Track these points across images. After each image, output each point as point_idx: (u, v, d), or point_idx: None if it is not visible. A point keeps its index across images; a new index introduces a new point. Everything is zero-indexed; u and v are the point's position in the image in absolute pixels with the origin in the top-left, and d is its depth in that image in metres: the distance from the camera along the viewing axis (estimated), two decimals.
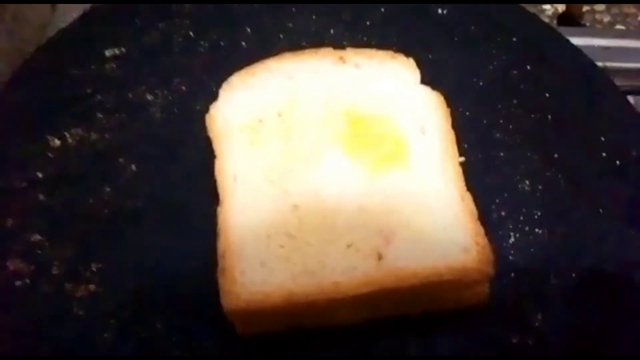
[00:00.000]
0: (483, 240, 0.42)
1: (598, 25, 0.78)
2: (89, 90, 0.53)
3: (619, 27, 0.79)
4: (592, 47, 0.63)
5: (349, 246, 0.42)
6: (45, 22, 0.82)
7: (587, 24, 0.72)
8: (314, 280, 0.40)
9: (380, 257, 0.41)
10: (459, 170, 0.45)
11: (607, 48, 0.65)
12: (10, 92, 0.53)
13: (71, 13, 0.79)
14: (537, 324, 0.43)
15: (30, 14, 0.80)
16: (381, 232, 0.42)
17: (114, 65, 0.54)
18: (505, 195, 0.48)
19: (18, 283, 0.44)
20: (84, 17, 0.59)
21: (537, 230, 0.47)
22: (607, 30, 0.73)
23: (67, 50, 0.55)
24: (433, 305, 0.43)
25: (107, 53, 0.55)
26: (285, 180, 0.44)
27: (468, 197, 0.44)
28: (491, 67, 0.54)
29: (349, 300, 0.40)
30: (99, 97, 0.52)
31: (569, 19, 0.71)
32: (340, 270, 0.41)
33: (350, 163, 0.45)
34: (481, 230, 0.42)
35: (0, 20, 0.75)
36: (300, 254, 0.41)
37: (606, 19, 0.80)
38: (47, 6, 0.83)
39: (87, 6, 0.61)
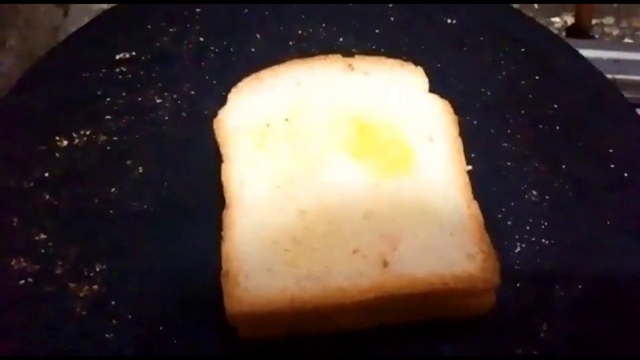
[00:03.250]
0: (489, 248, 0.42)
1: (606, 39, 0.79)
2: (98, 93, 0.53)
3: (627, 40, 0.79)
4: (601, 60, 0.63)
5: (354, 252, 0.41)
6: (57, 26, 0.83)
7: (597, 36, 0.72)
8: (319, 285, 0.40)
9: (385, 263, 0.41)
10: (466, 178, 0.45)
11: (616, 61, 0.65)
12: (19, 92, 0.54)
13: (83, 17, 0.80)
14: (542, 335, 0.43)
15: (42, 18, 0.81)
16: (387, 239, 0.42)
17: (124, 69, 0.55)
18: (512, 204, 0.48)
19: (21, 282, 0.44)
20: (95, 20, 0.59)
21: (543, 240, 0.47)
22: (617, 43, 0.73)
23: (78, 53, 0.56)
24: (438, 313, 0.42)
25: (118, 56, 0.55)
26: (292, 185, 0.44)
27: (474, 205, 0.44)
28: (499, 77, 0.54)
29: (353, 306, 0.40)
30: (108, 99, 0.53)
31: (578, 31, 0.71)
32: (346, 275, 0.40)
33: (358, 169, 0.45)
34: (487, 238, 0.42)
35: (12, 23, 0.76)
36: (306, 258, 0.41)
37: (615, 32, 0.80)
38: (59, 10, 0.84)
39: (99, 10, 0.62)
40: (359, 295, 0.40)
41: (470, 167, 0.46)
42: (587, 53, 0.58)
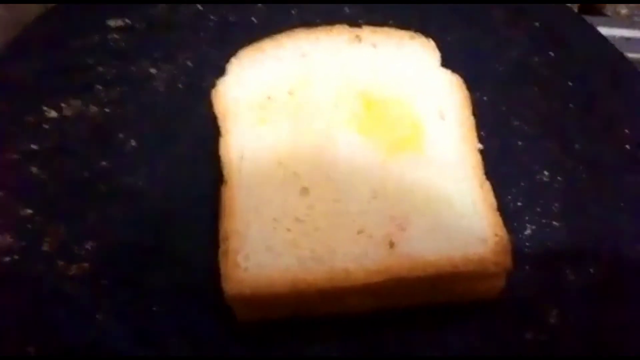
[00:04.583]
0: (502, 231, 0.40)
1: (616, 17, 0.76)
2: (89, 61, 0.51)
3: (637, 19, 0.77)
4: (613, 38, 0.61)
5: (360, 232, 0.40)
6: None
7: (609, 14, 0.69)
8: (322, 266, 0.38)
9: (392, 244, 0.39)
10: (479, 157, 0.43)
11: (628, 39, 0.63)
12: (6, 60, 0.51)
13: None
14: (552, 321, 0.42)
15: None
16: (394, 219, 0.40)
17: (117, 37, 0.52)
18: (523, 185, 0.46)
19: (7, 259, 0.42)
20: None
21: (554, 222, 0.45)
22: (629, 21, 0.70)
23: (68, 19, 0.53)
24: (445, 297, 0.41)
25: (111, 23, 0.53)
26: (295, 161, 0.42)
27: (487, 185, 0.42)
28: (512, 52, 0.52)
29: (358, 289, 0.38)
30: (99, 68, 0.50)
31: (591, 8, 0.68)
32: (350, 257, 0.39)
33: (364, 146, 0.43)
34: (500, 220, 0.40)
35: None
36: (309, 239, 0.39)
37: (623, 11, 0.78)
38: None
39: None
40: (364, 277, 0.38)
41: (480, 146, 0.44)
42: (599, 30, 0.55)
